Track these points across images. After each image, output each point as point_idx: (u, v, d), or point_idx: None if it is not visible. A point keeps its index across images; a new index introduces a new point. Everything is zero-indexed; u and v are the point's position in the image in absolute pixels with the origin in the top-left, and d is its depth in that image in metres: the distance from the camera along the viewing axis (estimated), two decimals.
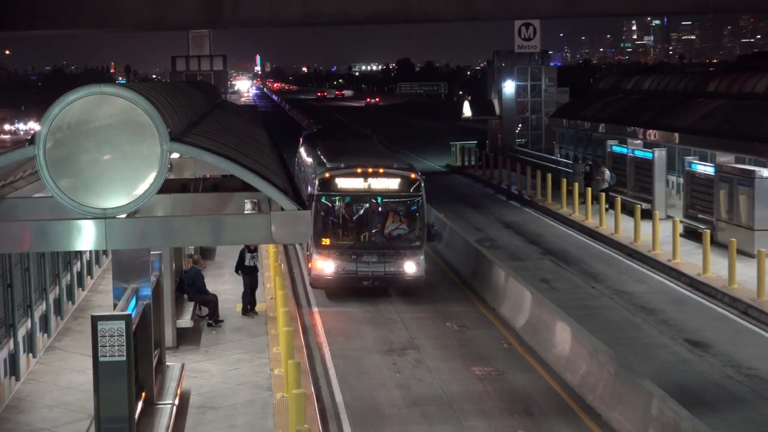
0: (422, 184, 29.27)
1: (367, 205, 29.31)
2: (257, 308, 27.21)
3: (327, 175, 29.29)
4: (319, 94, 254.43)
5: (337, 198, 29.44)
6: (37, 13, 57.45)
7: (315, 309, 28.53)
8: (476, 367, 23.37)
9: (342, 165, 29.92)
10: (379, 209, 29.46)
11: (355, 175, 29.36)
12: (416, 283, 29.23)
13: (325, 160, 31.35)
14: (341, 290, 29.36)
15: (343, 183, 29.32)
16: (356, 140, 41.50)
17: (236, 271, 27.90)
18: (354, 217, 29.52)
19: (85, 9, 59.31)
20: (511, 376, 22.75)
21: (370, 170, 29.34)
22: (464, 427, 19.53)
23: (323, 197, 29.08)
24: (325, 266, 28.88)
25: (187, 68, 73.71)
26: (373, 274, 28.88)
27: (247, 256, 27.31)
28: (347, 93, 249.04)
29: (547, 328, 24.23)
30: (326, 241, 29.01)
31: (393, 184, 29.37)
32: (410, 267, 28.91)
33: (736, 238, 30.96)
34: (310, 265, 29.91)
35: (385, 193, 29.35)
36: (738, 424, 19.45)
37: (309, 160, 34.85)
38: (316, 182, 29.23)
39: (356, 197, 29.39)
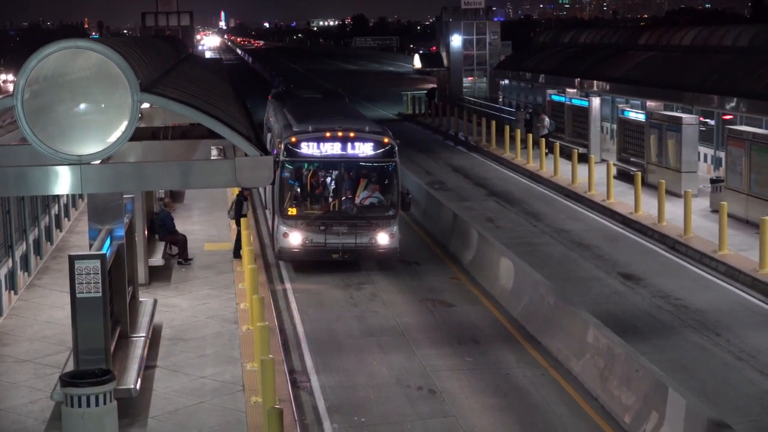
0: (396, 149, 25.55)
1: (337, 171, 25.52)
2: (223, 247, 27.13)
3: (293, 139, 25.34)
4: (239, 41, 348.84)
5: (304, 164, 25.59)
6: None
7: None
8: (427, 299, 23.45)
9: (309, 128, 25.84)
10: (350, 176, 25.69)
11: (324, 139, 25.35)
12: (390, 256, 25.78)
13: (291, 123, 27.08)
14: (310, 263, 25.96)
15: (311, 148, 25.35)
16: (326, 100, 36.13)
17: (236, 219, 26.49)
18: (323, 185, 25.91)
19: None
20: (459, 308, 22.85)
21: (340, 134, 25.38)
22: (416, 354, 19.61)
23: (289, 163, 25.37)
24: (292, 238, 25.26)
25: (156, 24, 73.08)
26: (343, 247, 25.22)
27: (245, 204, 26.85)
28: (261, 42, 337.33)
29: (492, 263, 24.32)
30: (292, 211, 25.38)
31: (364, 148, 25.44)
32: (383, 238, 25.31)
33: (664, 179, 31.14)
34: (275, 236, 26.14)
35: (356, 159, 25.51)
36: (666, 349, 19.65)
37: (276, 122, 30.21)
38: (282, 147, 25.39)
39: (325, 163, 25.61)
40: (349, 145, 25.45)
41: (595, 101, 41.80)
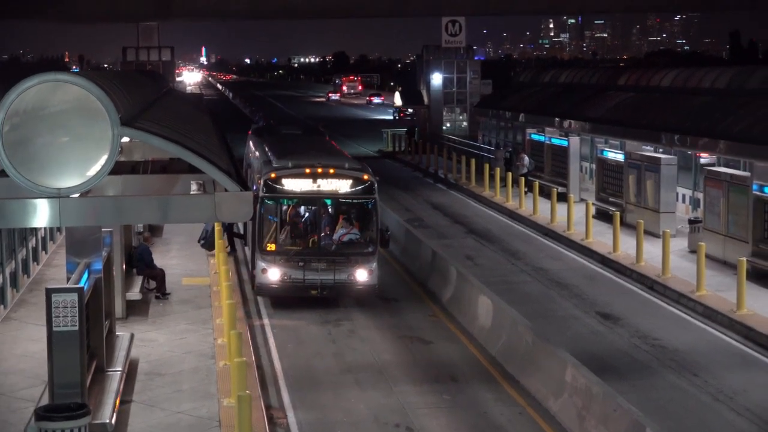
0: (375, 186, 25.54)
1: (316, 208, 25.53)
2: (201, 281, 27.09)
3: (273, 175, 25.36)
4: (219, 76, 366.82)
5: (284, 200, 25.63)
6: None
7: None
8: (405, 337, 23.39)
9: (289, 164, 25.86)
10: (329, 213, 25.80)
11: (304, 175, 25.36)
12: (368, 292, 25.63)
13: (271, 159, 27.08)
14: (288, 299, 25.83)
15: (291, 184, 25.32)
16: (306, 137, 36.45)
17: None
18: (302, 221, 25.93)
19: (41, 1, 58.54)
20: (438, 345, 22.80)
21: (320, 170, 25.37)
22: (394, 392, 19.54)
23: (269, 199, 25.36)
24: (270, 273, 25.19)
25: (137, 58, 73.17)
26: (321, 283, 25.04)
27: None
28: (234, 76, 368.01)
29: (470, 301, 24.30)
30: (271, 247, 25.36)
31: (344, 185, 25.45)
32: (362, 275, 25.22)
33: (643, 219, 31.26)
34: (254, 272, 26.04)
35: (336, 196, 25.51)
36: (644, 389, 19.64)
37: (256, 157, 30.16)
38: (262, 183, 25.39)
39: (304, 199, 25.60)
40: (329, 181, 25.42)
41: (575, 141, 41.98)
